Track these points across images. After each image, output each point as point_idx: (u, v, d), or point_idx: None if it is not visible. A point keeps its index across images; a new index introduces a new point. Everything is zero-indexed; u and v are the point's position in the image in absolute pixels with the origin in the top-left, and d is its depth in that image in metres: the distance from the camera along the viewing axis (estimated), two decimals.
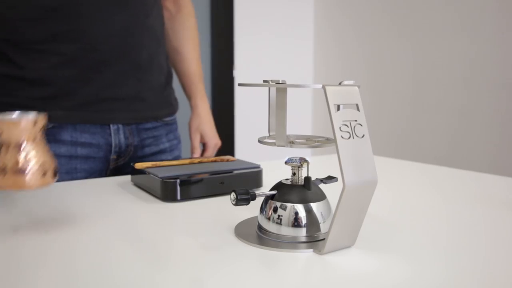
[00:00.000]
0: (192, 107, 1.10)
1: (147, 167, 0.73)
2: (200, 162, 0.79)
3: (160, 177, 0.66)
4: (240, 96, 2.64)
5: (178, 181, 0.65)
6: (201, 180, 0.67)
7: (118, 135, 0.89)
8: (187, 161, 0.79)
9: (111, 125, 0.88)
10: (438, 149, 2.05)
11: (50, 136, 0.83)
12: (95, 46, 0.82)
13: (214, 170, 0.72)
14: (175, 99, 1.05)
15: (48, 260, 0.44)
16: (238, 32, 2.61)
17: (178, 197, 0.66)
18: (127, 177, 0.82)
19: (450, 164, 1.04)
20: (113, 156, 0.90)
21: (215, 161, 0.81)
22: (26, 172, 0.45)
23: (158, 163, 0.76)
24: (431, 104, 2.09)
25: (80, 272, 0.41)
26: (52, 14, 0.63)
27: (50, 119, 0.81)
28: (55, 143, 0.83)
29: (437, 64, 2.06)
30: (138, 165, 0.75)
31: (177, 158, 1.03)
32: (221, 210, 0.62)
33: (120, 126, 0.89)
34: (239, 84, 0.47)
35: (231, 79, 2.62)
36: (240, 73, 2.57)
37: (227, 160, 0.82)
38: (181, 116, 1.10)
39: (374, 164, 0.45)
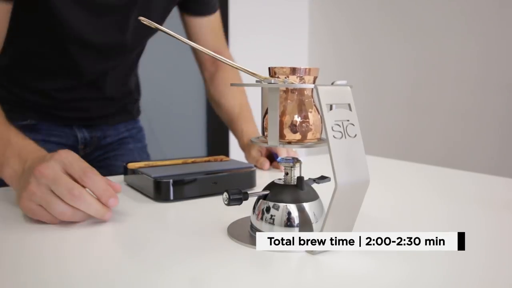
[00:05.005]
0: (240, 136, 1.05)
1: (140, 167, 0.73)
2: (193, 162, 0.78)
3: (153, 177, 0.66)
4: None
5: (171, 181, 0.65)
6: (194, 180, 0.67)
7: (81, 132, 1.03)
8: (180, 161, 0.78)
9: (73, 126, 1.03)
10: (439, 150, 2.05)
11: (26, 128, 0.95)
12: (81, 84, 0.97)
13: (207, 170, 0.72)
14: (137, 110, 1.18)
15: (40, 260, 0.44)
16: (233, 32, 2.61)
17: (171, 197, 0.65)
18: (120, 177, 0.82)
19: (452, 165, 1.04)
20: (80, 146, 1.04)
21: (208, 161, 0.81)
22: None
23: (151, 163, 0.76)
24: (430, 104, 2.08)
25: (72, 271, 0.41)
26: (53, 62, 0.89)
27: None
28: (34, 132, 0.96)
29: (436, 63, 2.05)
30: (131, 165, 0.74)
31: (142, 143, 1.17)
32: (214, 210, 0.62)
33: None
34: (231, 84, 0.47)
35: None
36: None
37: (221, 160, 0.81)
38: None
39: (366, 164, 0.45)
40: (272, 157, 0.96)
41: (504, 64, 1.81)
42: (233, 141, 2.63)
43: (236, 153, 1.16)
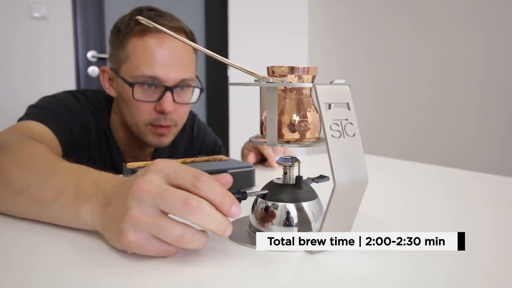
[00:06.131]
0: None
1: (139, 167, 0.73)
2: (192, 162, 0.78)
3: None
4: (235, 95, 2.64)
5: None
6: None
7: None
8: (179, 160, 0.78)
9: None
10: (444, 150, 2.03)
11: None
12: None
13: (206, 169, 0.71)
14: None
15: (42, 260, 0.44)
16: (232, 30, 2.60)
17: None
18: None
19: (457, 165, 1.04)
20: None
21: (207, 160, 0.81)
22: None
23: (150, 162, 0.76)
24: (435, 103, 2.06)
25: (72, 271, 0.41)
26: None
27: None
28: None
29: (442, 60, 2.02)
30: (130, 165, 0.74)
31: None
32: None
33: None
34: (230, 84, 0.47)
35: (225, 79, 2.61)
36: (234, 72, 2.56)
37: (220, 160, 0.81)
38: None
39: (365, 163, 0.44)
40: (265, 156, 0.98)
41: (511, 64, 1.79)
42: (233, 141, 2.63)
43: (236, 153, 1.17)
